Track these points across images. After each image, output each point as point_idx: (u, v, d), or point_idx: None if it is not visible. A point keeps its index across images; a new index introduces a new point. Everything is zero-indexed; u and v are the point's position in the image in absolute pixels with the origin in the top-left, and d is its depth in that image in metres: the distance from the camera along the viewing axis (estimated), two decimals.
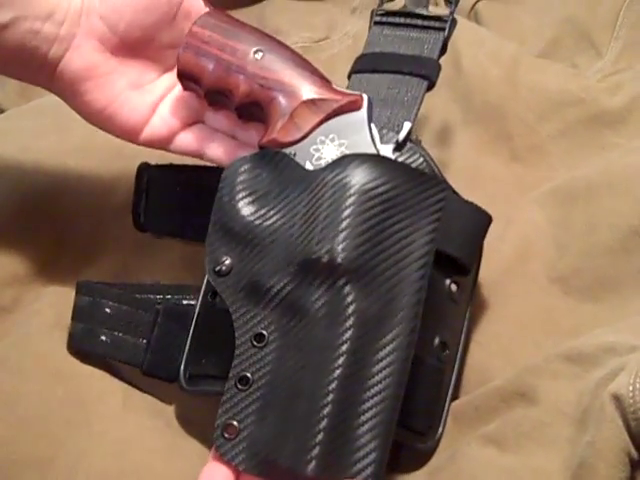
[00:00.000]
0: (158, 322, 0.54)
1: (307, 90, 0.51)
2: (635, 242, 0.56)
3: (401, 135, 0.52)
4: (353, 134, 0.50)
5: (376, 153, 0.50)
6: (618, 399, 0.44)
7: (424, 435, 0.51)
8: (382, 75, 0.56)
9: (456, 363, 0.53)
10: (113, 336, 0.55)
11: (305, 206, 0.49)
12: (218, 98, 0.53)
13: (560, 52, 0.71)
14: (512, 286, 0.58)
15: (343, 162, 0.49)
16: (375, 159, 0.49)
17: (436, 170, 0.53)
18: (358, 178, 0.48)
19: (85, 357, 0.56)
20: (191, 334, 0.53)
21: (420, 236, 0.48)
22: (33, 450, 0.51)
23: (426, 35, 0.57)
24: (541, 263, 0.59)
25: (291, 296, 0.48)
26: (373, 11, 0.59)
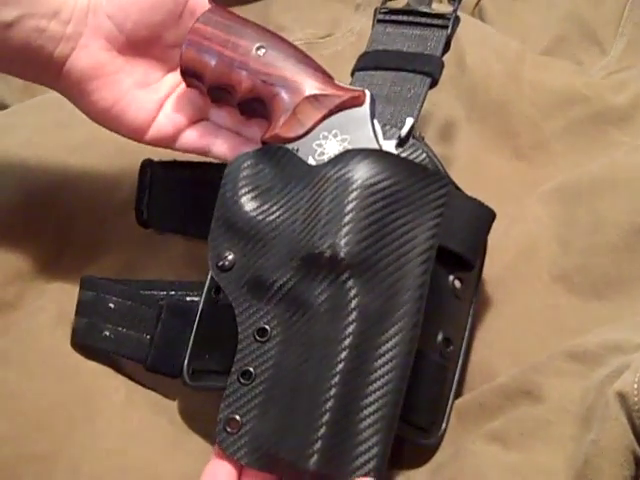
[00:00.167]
0: (162, 318, 0.54)
1: (309, 86, 0.51)
2: (639, 240, 0.56)
3: (403, 131, 0.52)
4: (355, 130, 0.51)
5: (378, 148, 0.50)
6: (623, 397, 0.44)
7: (427, 431, 0.51)
8: (385, 72, 0.56)
9: (460, 359, 0.53)
10: (117, 331, 0.55)
11: (308, 201, 0.49)
12: (221, 94, 0.53)
13: (564, 49, 0.71)
14: (516, 283, 0.58)
15: (345, 157, 0.49)
16: (377, 154, 0.50)
17: (439, 166, 0.53)
18: (360, 173, 0.48)
19: (89, 353, 0.56)
20: (195, 330, 0.53)
21: (422, 231, 0.48)
22: (37, 446, 0.51)
23: (429, 33, 0.57)
24: (545, 261, 0.58)
25: (294, 291, 0.48)
26: (376, 9, 0.59)
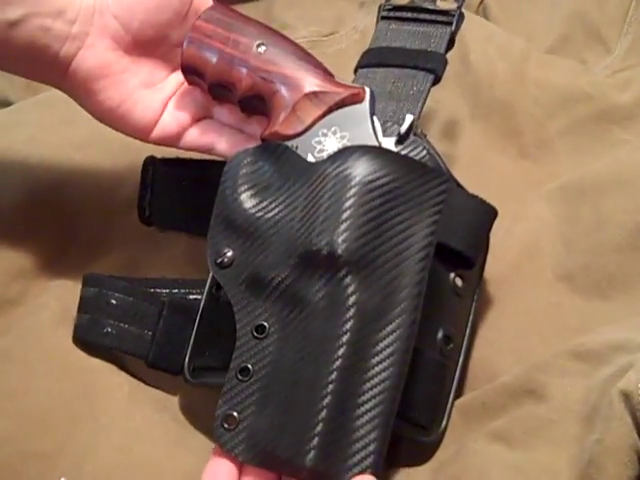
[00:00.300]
0: (163, 314, 0.54)
1: (309, 83, 0.51)
2: None
3: (403, 128, 0.52)
4: (355, 127, 0.50)
5: (378, 145, 0.50)
6: (627, 396, 0.44)
7: (427, 429, 0.51)
8: (388, 69, 0.56)
9: (461, 357, 0.53)
10: (118, 327, 0.55)
11: (306, 198, 0.49)
12: (221, 92, 0.53)
13: (569, 48, 0.71)
14: (519, 282, 0.58)
15: (344, 154, 0.49)
16: (376, 151, 0.49)
17: (440, 163, 0.53)
18: (359, 170, 0.48)
19: (91, 350, 0.56)
20: (196, 327, 0.53)
21: (421, 228, 0.48)
22: (39, 444, 0.51)
23: (433, 29, 0.57)
24: (549, 260, 0.58)
25: (292, 288, 0.48)
26: (380, 6, 0.59)
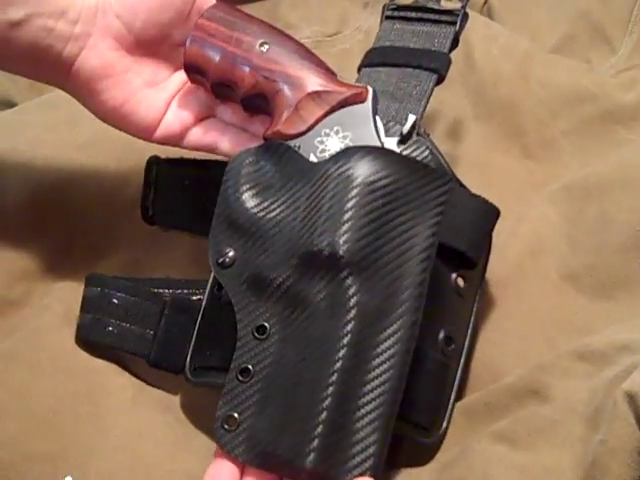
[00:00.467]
0: (165, 313, 0.55)
1: (312, 82, 0.51)
2: None
3: (405, 128, 0.52)
4: (357, 127, 0.50)
5: (380, 146, 0.50)
6: (631, 397, 0.43)
7: (427, 430, 0.51)
8: (391, 69, 0.56)
9: (462, 357, 0.53)
10: (120, 327, 0.55)
11: (308, 198, 0.49)
12: (224, 90, 0.53)
13: (573, 48, 0.71)
14: (524, 283, 0.58)
15: (346, 154, 0.49)
16: (378, 152, 0.49)
17: (443, 162, 0.53)
18: (361, 171, 0.48)
19: (95, 351, 0.56)
20: (197, 326, 0.53)
21: (423, 229, 0.48)
22: (44, 445, 0.52)
23: (437, 29, 0.57)
24: (553, 260, 0.58)
25: (293, 288, 0.48)
26: (385, 5, 0.59)
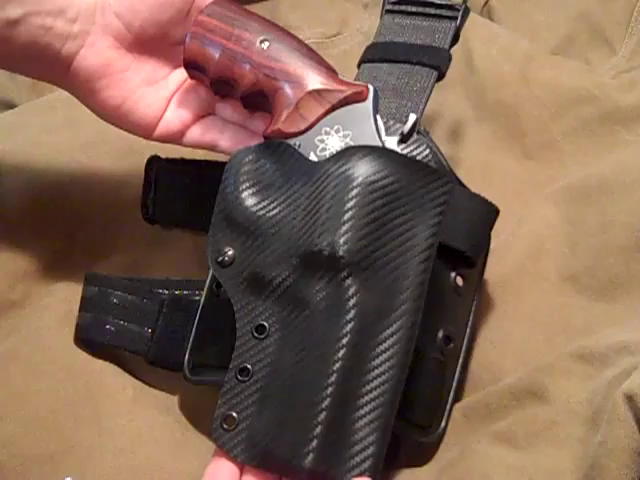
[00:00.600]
0: (163, 312, 0.55)
1: (313, 80, 0.51)
2: None
3: (406, 127, 0.51)
4: (358, 125, 0.50)
5: (380, 145, 0.50)
6: (631, 399, 0.44)
7: (425, 429, 0.51)
8: (391, 65, 0.56)
9: (461, 357, 0.53)
10: (119, 325, 0.55)
11: (308, 198, 0.49)
12: (224, 88, 0.53)
13: (574, 49, 0.71)
14: (524, 284, 0.58)
15: (346, 154, 0.49)
16: (379, 151, 0.49)
17: (443, 161, 0.52)
18: (361, 170, 0.48)
19: (95, 351, 0.56)
20: (196, 324, 0.53)
21: (423, 229, 0.48)
22: (44, 446, 0.52)
23: (438, 24, 0.56)
24: (553, 261, 0.58)
25: (293, 288, 0.48)
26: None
